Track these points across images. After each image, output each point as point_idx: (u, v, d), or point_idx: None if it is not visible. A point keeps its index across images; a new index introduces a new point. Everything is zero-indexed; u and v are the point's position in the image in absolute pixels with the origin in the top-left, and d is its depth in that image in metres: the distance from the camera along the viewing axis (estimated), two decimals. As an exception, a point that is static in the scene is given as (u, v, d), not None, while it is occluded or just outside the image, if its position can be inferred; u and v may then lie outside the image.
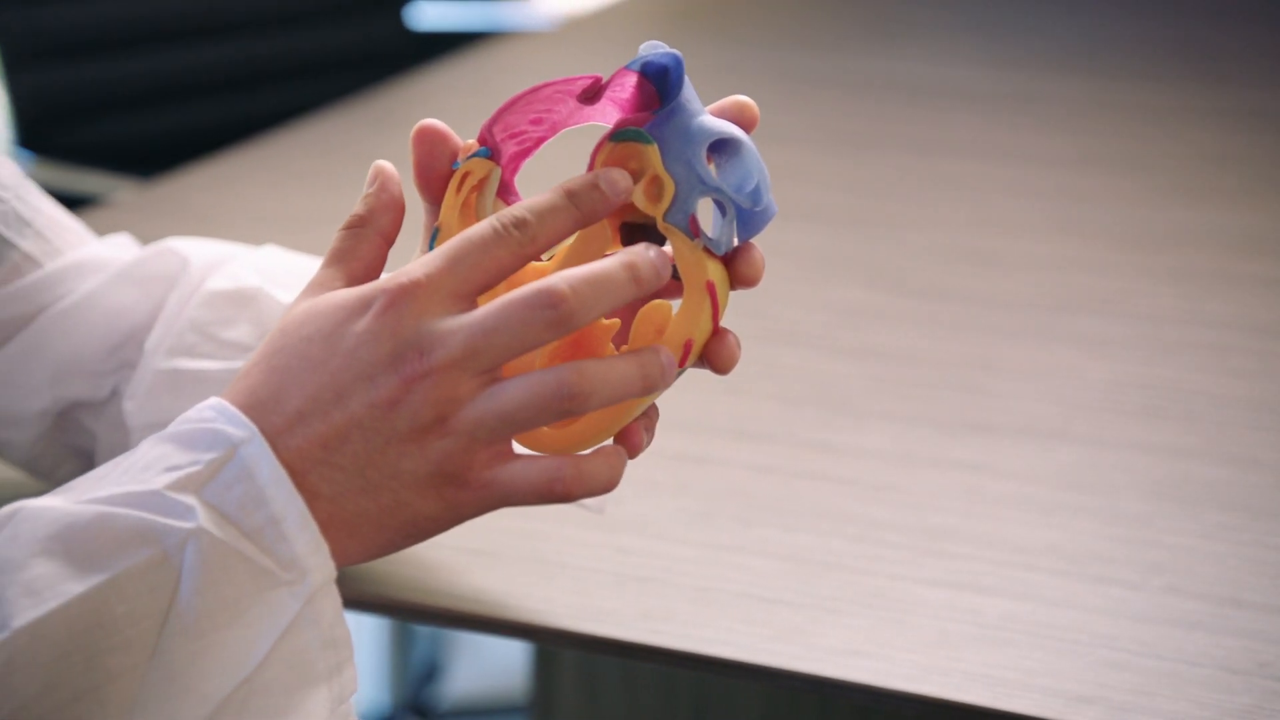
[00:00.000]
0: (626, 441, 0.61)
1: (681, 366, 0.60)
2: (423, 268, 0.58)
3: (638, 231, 0.64)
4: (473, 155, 0.63)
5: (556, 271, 0.63)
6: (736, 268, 0.62)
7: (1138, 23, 2.14)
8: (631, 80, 0.62)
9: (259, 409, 0.58)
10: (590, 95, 0.62)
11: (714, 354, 0.61)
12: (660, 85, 0.62)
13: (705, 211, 0.61)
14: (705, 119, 0.62)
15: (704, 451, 0.98)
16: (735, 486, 0.94)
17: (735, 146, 0.61)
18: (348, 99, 1.73)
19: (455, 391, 0.57)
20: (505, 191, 0.64)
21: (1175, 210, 1.41)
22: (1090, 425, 1.02)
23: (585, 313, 0.57)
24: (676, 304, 0.61)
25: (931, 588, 0.84)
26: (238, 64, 2.06)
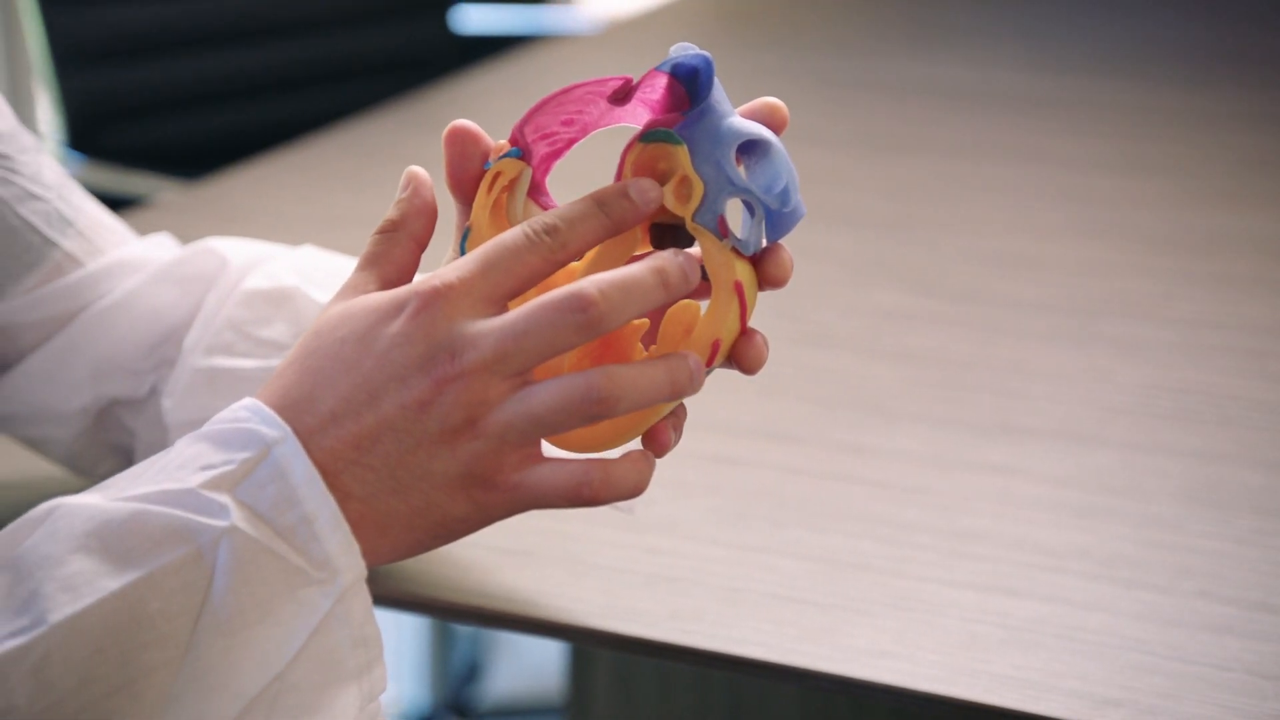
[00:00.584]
0: (654, 441, 0.61)
1: (709, 367, 0.61)
2: (455, 272, 0.58)
3: (667, 232, 0.64)
4: (504, 155, 0.63)
5: (586, 271, 0.64)
6: (765, 268, 0.62)
7: (1178, 27, 2.13)
8: (662, 82, 0.62)
9: (293, 409, 0.59)
10: (621, 96, 0.63)
11: (741, 354, 0.62)
12: (690, 87, 0.62)
13: (734, 212, 0.62)
14: (735, 120, 0.62)
15: (735, 453, 0.98)
16: (766, 488, 0.94)
17: (764, 148, 0.62)
18: (391, 102, 1.74)
19: (486, 394, 0.57)
20: (536, 192, 0.64)
21: (1215, 215, 1.41)
22: (1124, 429, 1.02)
23: (615, 317, 0.58)
24: (705, 304, 0.62)
25: (961, 590, 0.84)
26: (283, 67, 2.08)
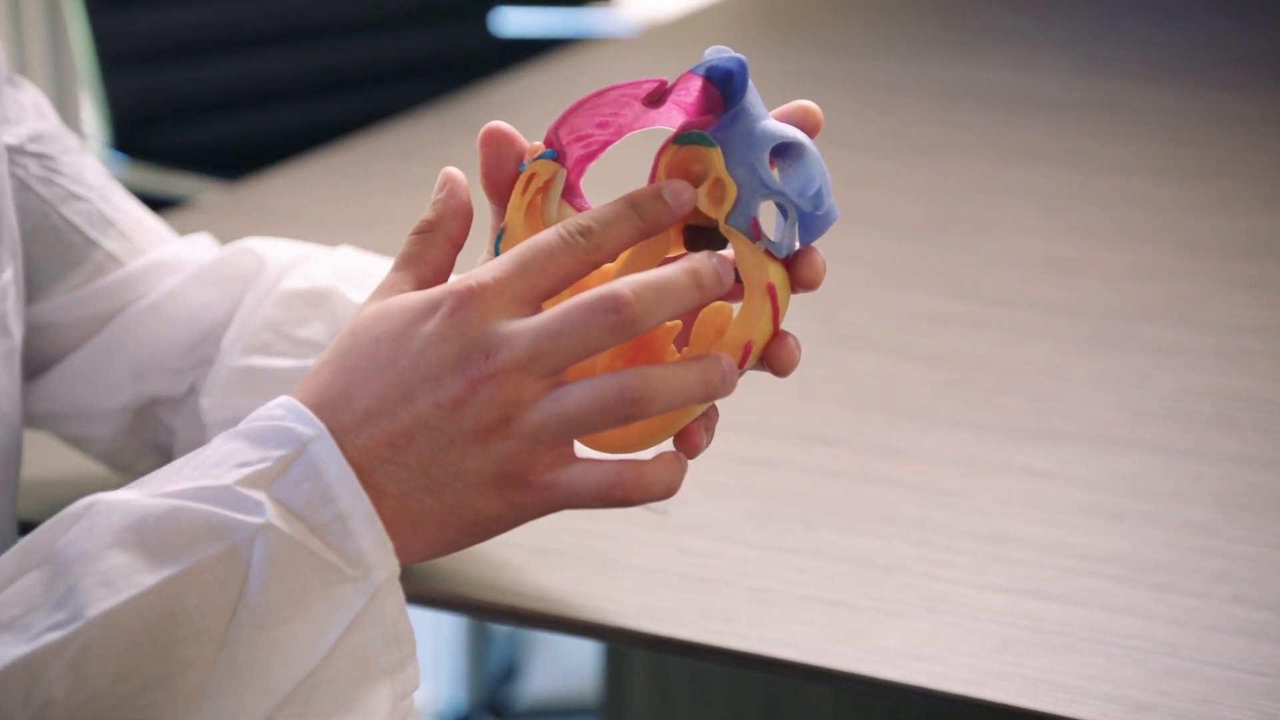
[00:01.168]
0: (686, 442, 0.61)
1: (741, 368, 0.61)
2: (490, 272, 0.59)
3: (700, 234, 0.64)
4: (539, 157, 0.63)
5: (620, 273, 0.64)
6: (798, 271, 0.62)
7: (1219, 30, 2.12)
8: (696, 84, 0.63)
9: (328, 407, 0.59)
10: (655, 99, 0.63)
11: (774, 356, 0.62)
12: (724, 89, 0.63)
13: (767, 215, 0.62)
14: (769, 123, 0.62)
15: (769, 454, 0.98)
16: (799, 490, 0.94)
17: (798, 151, 0.62)
18: (432, 104, 1.75)
19: (519, 394, 0.58)
20: (570, 193, 0.64)
21: (1254, 218, 1.40)
22: (1160, 433, 1.01)
23: (648, 318, 0.58)
24: (737, 307, 0.62)
25: (994, 593, 0.84)
26: (324, 69, 2.09)
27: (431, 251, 0.63)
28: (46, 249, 0.83)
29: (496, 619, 0.85)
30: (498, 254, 0.63)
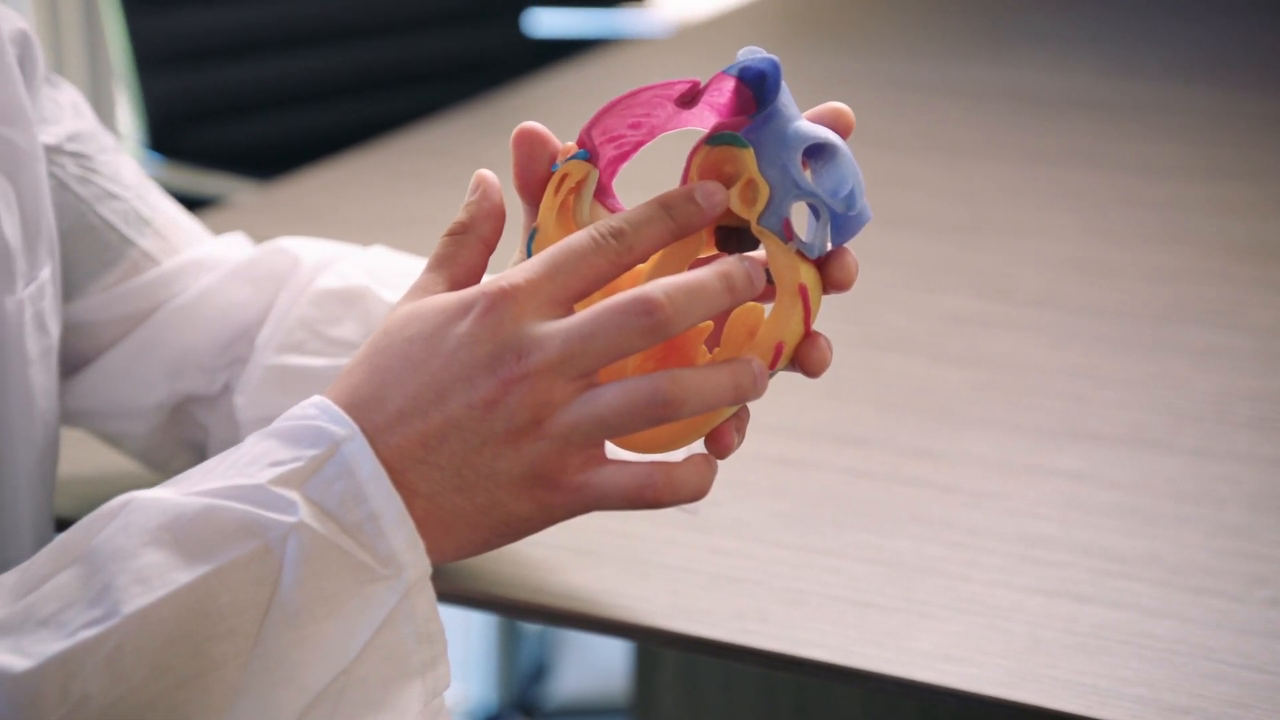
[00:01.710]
0: (717, 443, 0.61)
1: (772, 369, 0.61)
2: (522, 273, 0.59)
3: (732, 234, 0.64)
4: (571, 158, 0.63)
5: (652, 274, 0.64)
6: (829, 272, 0.62)
7: (1255, 32, 2.11)
8: (729, 85, 0.63)
9: (361, 407, 0.59)
10: (688, 100, 0.63)
11: (805, 357, 0.62)
12: (757, 90, 0.63)
13: (799, 216, 0.62)
14: (801, 124, 0.62)
15: (801, 455, 0.98)
16: (831, 490, 0.94)
17: (831, 152, 0.62)
18: (465, 104, 1.75)
19: (551, 395, 0.58)
20: (603, 194, 0.65)
21: (1292, 220, 1.40)
22: (1196, 436, 1.01)
23: (680, 320, 0.58)
24: (769, 307, 0.62)
25: (1027, 595, 0.83)
26: (359, 70, 2.09)
27: (464, 253, 0.63)
28: (83, 248, 0.83)
29: (527, 618, 0.85)
30: (530, 255, 0.63)
